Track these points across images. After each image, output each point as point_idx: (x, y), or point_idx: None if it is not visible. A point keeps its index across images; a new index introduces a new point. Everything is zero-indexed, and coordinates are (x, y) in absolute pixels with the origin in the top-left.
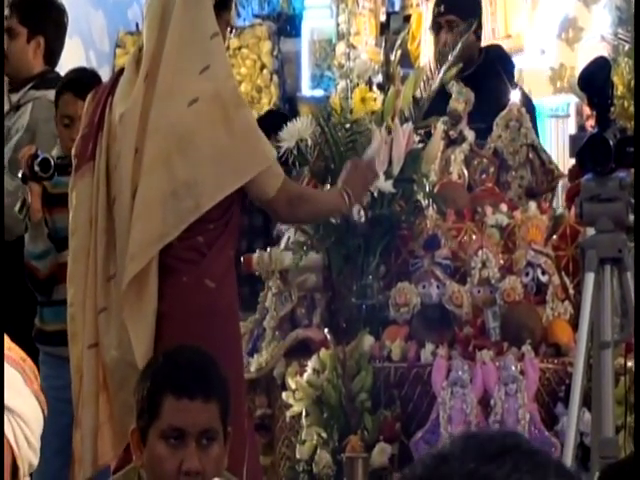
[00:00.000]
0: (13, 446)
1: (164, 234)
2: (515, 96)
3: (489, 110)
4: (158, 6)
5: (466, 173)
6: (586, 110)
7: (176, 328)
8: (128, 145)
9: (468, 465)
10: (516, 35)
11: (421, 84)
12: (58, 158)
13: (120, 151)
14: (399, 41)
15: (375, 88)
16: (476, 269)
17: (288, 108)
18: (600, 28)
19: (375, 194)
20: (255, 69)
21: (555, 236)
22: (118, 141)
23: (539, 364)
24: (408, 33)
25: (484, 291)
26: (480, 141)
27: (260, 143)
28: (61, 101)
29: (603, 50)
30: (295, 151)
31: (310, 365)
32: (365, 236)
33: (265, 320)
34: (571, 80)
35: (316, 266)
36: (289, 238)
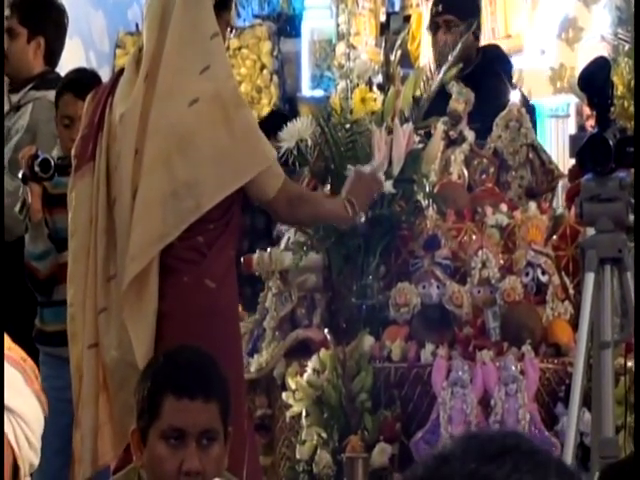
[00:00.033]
0: (14, 446)
1: (165, 234)
2: (514, 96)
3: (487, 110)
4: (158, 6)
5: (466, 173)
6: (586, 110)
7: (176, 328)
8: (128, 145)
9: (469, 465)
10: (516, 35)
11: (421, 84)
12: (58, 159)
13: (120, 151)
14: (399, 41)
15: (375, 88)
16: (476, 269)
17: (288, 108)
18: (600, 28)
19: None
20: (255, 69)
21: (555, 236)
22: (118, 141)
23: (539, 364)
24: (408, 33)
25: (484, 291)
26: (480, 141)
27: (260, 143)
28: (61, 101)
29: (603, 50)
30: (295, 151)
31: (310, 365)
32: (365, 236)
33: (265, 320)
34: (571, 80)
35: (316, 266)
36: (289, 238)
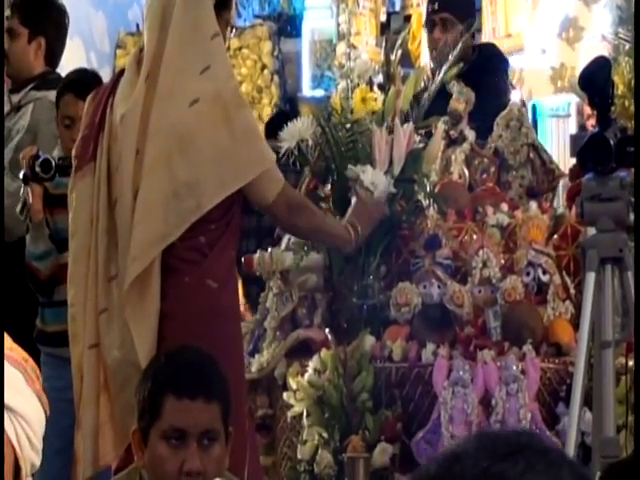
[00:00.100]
0: (15, 446)
1: (166, 235)
2: (514, 95)
3: (484, 108)
4: (158, 7)
5: (467, 173)
6: (587, 110)
7: (178, 328)
8: (129, 146)
9: (481, 464)
10: (517, 34)
11: (422, 83)
12: (59, 159)
13: (121, 152)
14: (399, 41)
15: (376, 88)
16: (477, 269)
17: (289, 108)
18: (601, 27)
19: (376, 194)
20: (256, 69)
21: (556, 236)
22: (119, 142)
23: (540, 364)
24: (408, 33)
25: (485, 291)
26: (480, 141)
27: (260, 144)
28: (62, 102)
29: (604, 49)
30: (296, 151)
31: (311, 365)
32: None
33: (266, 320)
34: (572, 80)
35: (317, 266)
36: (290, 238)
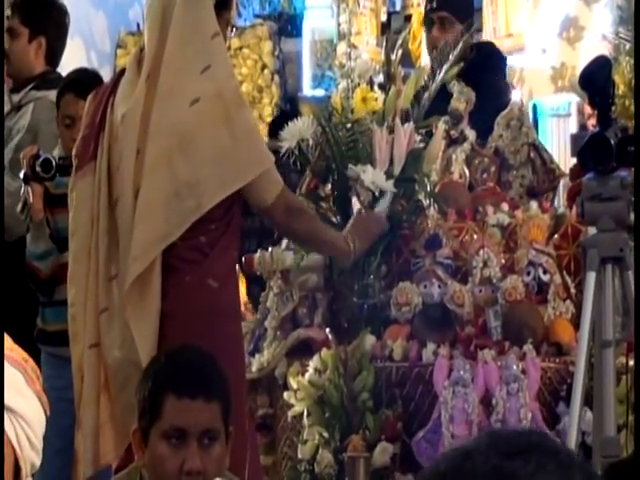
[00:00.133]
0: (15, 447)
1: (167, 234)
2: (514, 94)
3: (485, 107)
4: (159, 7)
5: (467, 172)
6: (587, 109)
7: (179, 327)
8: (130, 146)
9: (492, 461)
10: (517, 34)
11: (422, 83)
12: (60, 158)
13: (122, 152)
14: (400, 41)
15: (376, 88)
16: (477, 268)
17: (289, 108)
18: (601, 27)
19: (376, 193)
20: (256, 69)
21: (556, 235)
22: (120, 142)
23: (541, 363)
24: (409, 33)
25: (485, 290)
26: (481, 140)
27: (261, 144)
28: (63, 102)
29: (604, 49)
30: (296, 151)
31: (312, 365)
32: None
33: (266, 320)
34: (572, 79)
35: (317, 266)
36: None
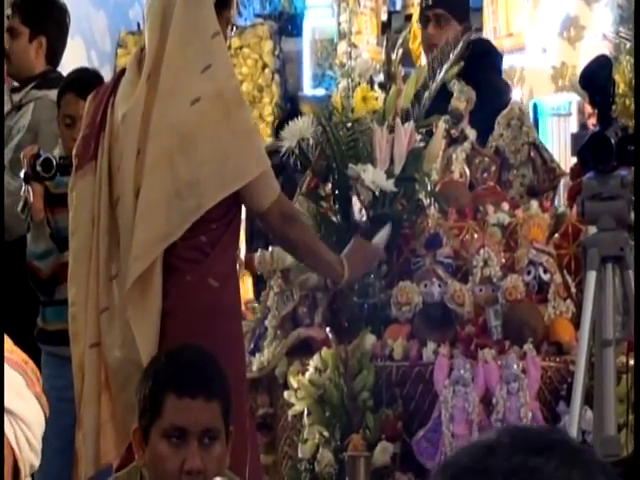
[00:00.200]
0: (15, 449)
1: (168, 234)
2: (515, 94)
3: (483, 105)
4: (159, 6)
5: (468, 172)
6: (588, 108)
7: (179, 327)
8: (130, 145)
9: (516, 457)
10: (517, 34)
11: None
12: (60, 158)
13: (123, 151)
14: (400, 40)
15: (376, 87)
16: (478, 268)
17: (289, 107)
18: (602, 26)
19: (377, 193)
20: (256, 68)
21: (557, 234)
22: (120, 141)
23: (541, 362)
24: (409, 32)
25: (486, 290)
26: (481, 140)
27: (261, 145)
28: (63, 101)
29: (605, 48)
30: (297, 150)
31: (312, 364)
32: (367, 235)
33: (267, 319)
34: (573, 78)
35: None
36: None
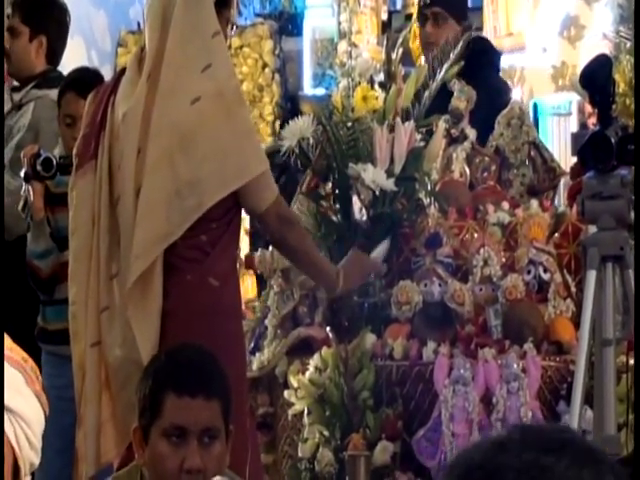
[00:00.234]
0: (14, 447)
1: (169, 233)
2: (515, 93)
3: (483, 105)
4: (159, 6)
5: (468, 171)
6: (588, 108)
7: (180, 326)
8: (131, 145)
9: (528, 455)
10: (518, 33)
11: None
12: (60, 157)
13: (123, 151)
14: (401, 39)
15: (377, 86)
16: (478, 267)
17: (290, 107)
18: (602, 26)
19: (377, 192)
20: (257, 68)
21: (557, 234)
22: (121, 141)
23: (541, 362)
24: (410, 31)
25: (486, 289)
26: (481, 139)
27: (260, 144)
28: (64, 100)
29: (605, 48)
30: (297, 150)
31: (312, 363)
32: (367, 234)
33: (267, 319)
34: (573, 78)
35: None
36: None
